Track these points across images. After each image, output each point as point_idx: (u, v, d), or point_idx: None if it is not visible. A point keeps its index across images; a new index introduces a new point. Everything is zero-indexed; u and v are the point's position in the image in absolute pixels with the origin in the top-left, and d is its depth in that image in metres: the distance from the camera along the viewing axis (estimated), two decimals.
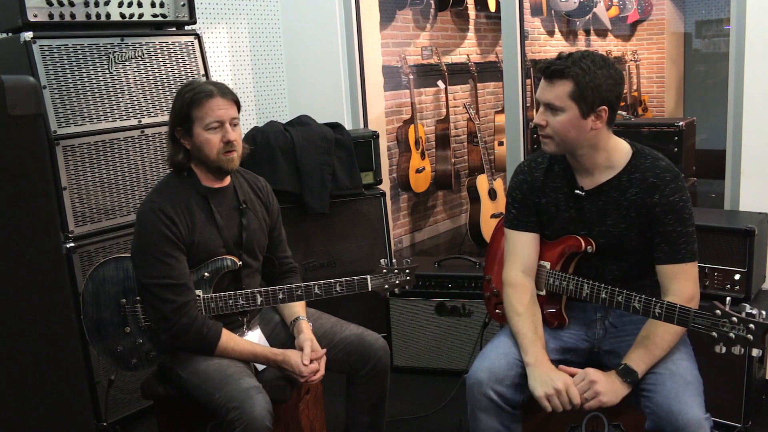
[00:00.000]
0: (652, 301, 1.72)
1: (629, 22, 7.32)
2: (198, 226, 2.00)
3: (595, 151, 1.85)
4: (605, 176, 1.88)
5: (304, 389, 2.23)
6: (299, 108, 3.77)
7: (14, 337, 1.26)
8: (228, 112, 1.99)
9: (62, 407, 1.33)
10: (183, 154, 2.02)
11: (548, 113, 1.82)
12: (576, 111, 1.77)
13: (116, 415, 2.69)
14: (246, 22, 3.75)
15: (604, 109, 1.79)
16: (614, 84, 1.79)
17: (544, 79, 1.82)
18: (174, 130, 2.01)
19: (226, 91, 2.00)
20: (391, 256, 3.29)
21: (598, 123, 1.80)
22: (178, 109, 1.99)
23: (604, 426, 1.99)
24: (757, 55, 2.56)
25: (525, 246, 1.99)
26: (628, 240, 1.87)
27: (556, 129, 1.81)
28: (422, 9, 5.39)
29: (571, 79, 1.75)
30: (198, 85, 2.01)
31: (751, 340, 1.56)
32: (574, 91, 1.76)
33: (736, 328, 1.57)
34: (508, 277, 1.99)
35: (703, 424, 1.66)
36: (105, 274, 2.03)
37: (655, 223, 1.82)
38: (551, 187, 1.96)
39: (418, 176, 5.00)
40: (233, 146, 2.00)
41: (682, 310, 1.67)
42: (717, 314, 1.61)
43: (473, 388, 1.82)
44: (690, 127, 2.93)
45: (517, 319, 1.91)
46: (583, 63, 1.76)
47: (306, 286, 2.05)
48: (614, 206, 1.87)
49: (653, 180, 1.82)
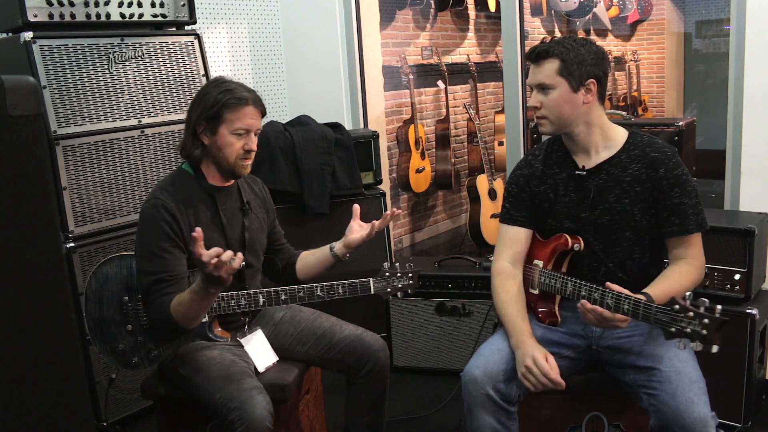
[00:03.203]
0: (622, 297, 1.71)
1: (629, 22, 7.32)
2: (202, 225, 2.00)
3: (591, 129, 1.93)
4: (604, 155, 1.94)
5: (304, 388, 2.23)
6: (299, 108, 3.77)
7: (14, 337, 1.26)
8: (256, 122, 2.03)
9: (62, 407, 1.33)
10: (200, 149, 2.03)
11: (540, 94, 1.91)
12: (566, 86, 1.87)
13: (116, 415, 2.69)
14: (246, 22, 3.75)
15: (593, 82, 1.88)
16: (598, 59, 1.89)
17: (532, 63, 1.92)
18: (197, 123, 2.01)
19: (259, 102, 2.04)
20: (391, 256, 3.29)
21: (589, 96, 1.89)
22: (209, 105, 1.98)
23: (604, 426, 1.99)
24: (757, 55, 2.56)
25: (514, 240, 2.05)
26: (630, 216, 1.90)
27: (550, 107, 1.90)
28: (422, 9, 5.39)
29: (557, 57, 1.86)
30: (234, 87, 2.00)
31: (704, 335, 1.53)
32: (561, 67, 1.86)
33: (692, 324, 1.55)
34: (496, 267, 2.05)
35: (710, 422, 1.67)
36: (108, 271, 2.04)
37: (662, 197, 1.87)
38: (549, 174, 2.01)
39: (418, 176, 5.00)
40: (251, 155, 2.04)
41: (646, 305, 1.66)
42: (675, 309, 1.59)
43: (469, 386, 1.84)
44: (690, 127, 2.92)
45: (502, 305, 1.97)
46: (566, 42, 1.88)
47: (308, 287, 2.05)
48: (616, 182, 1.91)
49: (655, 155, 1.88)
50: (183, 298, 1.87)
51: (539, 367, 1.79)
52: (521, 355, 1.84)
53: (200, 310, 1.89)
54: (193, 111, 2.03)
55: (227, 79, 2.06)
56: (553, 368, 1.80)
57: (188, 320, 1.89)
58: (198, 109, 2.01)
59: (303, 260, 2.26)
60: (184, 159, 2.08)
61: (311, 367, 2.26)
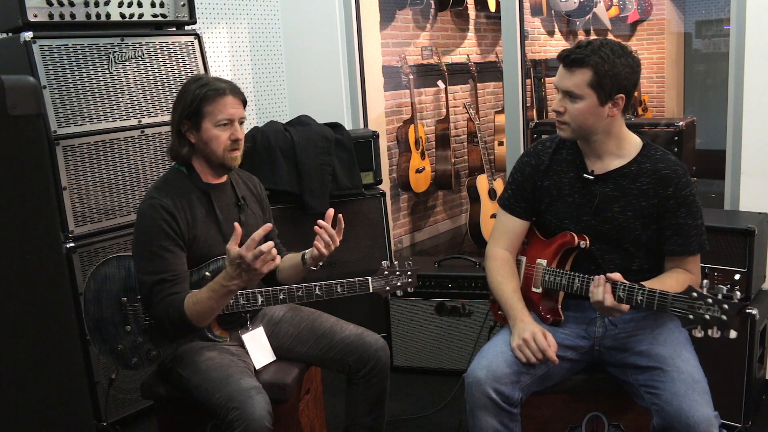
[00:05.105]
0: (635, 288, 1.73)
1: (629, 22, 7.32)
2: (198, 222, 2.01)
3: (608, 137, 1.90)
4: (615, 163, 1.92)
5: (304, 388, 2.23)
6: (299, 108, 3.77)
7: (14, 337, 1.26)
8: (238, 111, 2.03)
9: (62, 407, 1.33)
10: (188, 147, 2.03)
11: (566, 100, 1.86)
12: (594, 99, 1.82)
13: (116, 415, 2.69)
14: (246, 22, 3.75)
15: (621, 97, 1.83)
16: (632, 72, 1.83)
17: (563, 66, 1.85)
18: (180, 123, 2.02)
19: (236, 90, 2.04)
20: (391, 256, 3.29)
21: (615, 110, 1.85)
22: (188, 103, 1.99)
23: (604, 426, 1.99)
24: (757, 55, 2.56)
25: (512, 230, 2.07)
26: (631, 229, 1.90)
27: (574, 116, 1.85)
28: (422, 9, 5.39)
29: (591, 68, 1.80)
30: (209, 80, 2.02)
31: (725, 320, 1.57)
32: (593, 79, 1.80)
33: (711, 310, 1.58)
34: (491, 251, 2.07)
35: (713, 422, 1.67)
36: (107, 272, 2.04)
37: (667, 216, 1.87)
38: (555, 171, 2.00)
39: (418, 176, 5.00)
40: (239, 144, 2.04)
41: (661, 294, 1.69)
42: (693, 296, 1.62)
43: (472, 387, 1.83)
44: (690, 127, 2.92)
45: (498, 286, 2.00)
46: (603, 52, 1.79)
47: (307, 286, 2.05)
48: (623, 193, 1.90)
49: (666, 172, 1.86)
50: (200, 295, 1.89)
51: (537, 343, 1.82)
52: (520, 329, 1.86)
53: (217, 308, 1.92)
54: (175, 112, 2.04)
55: (203, 75, 2.07)
56: (551, 345, 1.84)
57: (203, 318, 1.92)
58: (179, 109, 2.02)
59: (284, 263, 2.21)
60: (173, 161, 2.08)
61: (311, 367, 2.26)
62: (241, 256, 1.79)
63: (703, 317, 1.60)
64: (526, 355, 1.83)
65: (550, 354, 1.82)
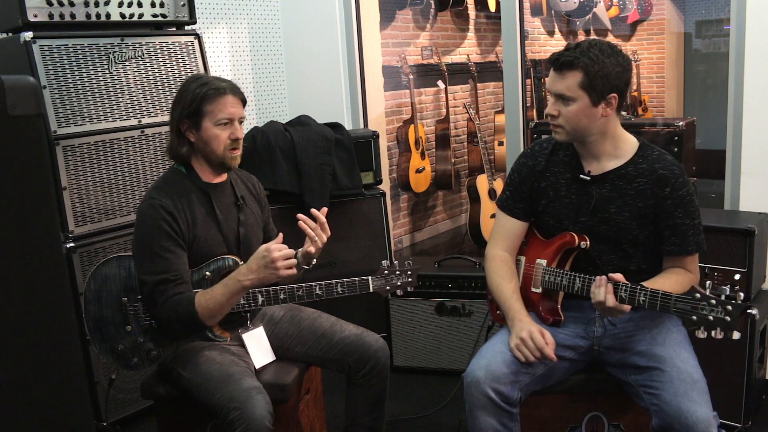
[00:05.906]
0: (637, 289, 1.74)
1: (629, 22, 7.32)
2: (198, 221, 2.01)
3: (604, 138, 1.90)
4: (612, 164, 1.92)
5: (304, 388, 2.23)
6: (299, 108, 3.77)
7: (14, 336, 1.26)
8: (238, 111, 2.04)
9: (62, 407, 1.33)
10: (187, 146, 2.04)
11: (559, 103, 1.86)
12: (587, 100, 1.82)
13: (116, 415, 2.69)
14: (246, 22, 3.75)
15: (614, 97, 1.84)
16: (622, 71, 1.84)
17: (554, 70, 1.86)
18: (180, 122, 2.02)
19: (236, 90, 2.04)
20: (391, 256, 3.29)
21: (609, 110, 1.85)
22: (188, 102, 1.99)
23: (604, 426, 1.99)
24: (757, 55, 2.56)
25: (511, 231, 2.07)
26: (629, 229, 1.90)
27: (568, 118, 1.86)
28: (422, 9, 5.39)
29: (581, 70, 1.80)
30: (209, 80, 2.02)
31: (728, 321, 1.57)
32: (584, 81, 1.81)
33: (715, 311, 1.57)
34: (490, 252, 2.08)
35: (712, 422, 1.68)
36: (107, 272, 2.04)
37: (664, 216, 1.87)
38: (552, 172, 2.00)
39: (418, 176, 5.00)
40: (239, 144, 2.05)
41: (664, 295, 1.69)
42: (696, 297, 1.62)
43: (471, 387, 1.84)
44: (690, 127, 2.93)
45: (497, 287, 2.01)
46: (592, 53, 1.80)
47: (307, 286, 2.05)
48: (619, 194, 1.90)
49: (663, 172, 1.86)
50: (213, 293, 1.91)
51: (535, 342, 1.83)
52: (518, 328, 1.87)
53: (227, 306, 1.94)
54: (174, 111, 2.04)
55: (202, 75, 2.07)
56: (549, 343, 1.84)
57: (213, 315, 1.94)
58: (179, 108, 2.02)
59: None
60: (172, 160, 2.08)
61: (311, 367, 2.26)
62: (268, 249, 1.86)
63: (706, 318, 1.59)
64: (524, 353, 1.83)
65: (548, 352, 1.82)
